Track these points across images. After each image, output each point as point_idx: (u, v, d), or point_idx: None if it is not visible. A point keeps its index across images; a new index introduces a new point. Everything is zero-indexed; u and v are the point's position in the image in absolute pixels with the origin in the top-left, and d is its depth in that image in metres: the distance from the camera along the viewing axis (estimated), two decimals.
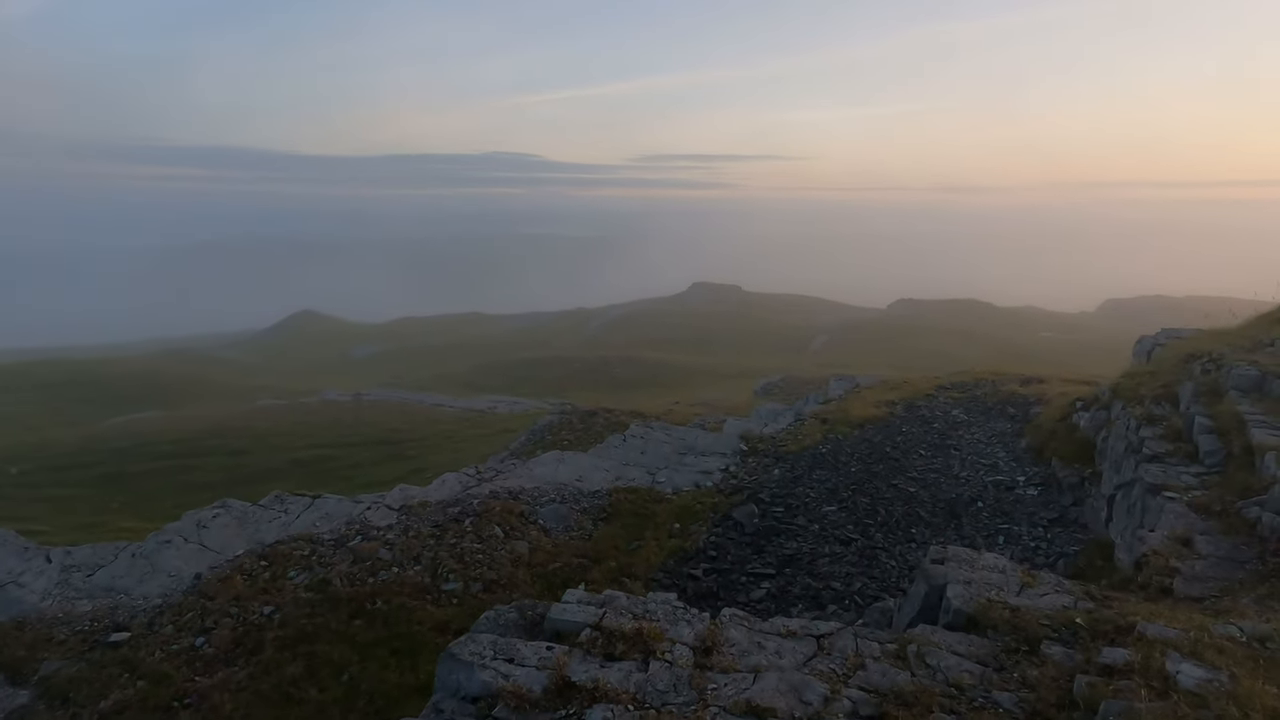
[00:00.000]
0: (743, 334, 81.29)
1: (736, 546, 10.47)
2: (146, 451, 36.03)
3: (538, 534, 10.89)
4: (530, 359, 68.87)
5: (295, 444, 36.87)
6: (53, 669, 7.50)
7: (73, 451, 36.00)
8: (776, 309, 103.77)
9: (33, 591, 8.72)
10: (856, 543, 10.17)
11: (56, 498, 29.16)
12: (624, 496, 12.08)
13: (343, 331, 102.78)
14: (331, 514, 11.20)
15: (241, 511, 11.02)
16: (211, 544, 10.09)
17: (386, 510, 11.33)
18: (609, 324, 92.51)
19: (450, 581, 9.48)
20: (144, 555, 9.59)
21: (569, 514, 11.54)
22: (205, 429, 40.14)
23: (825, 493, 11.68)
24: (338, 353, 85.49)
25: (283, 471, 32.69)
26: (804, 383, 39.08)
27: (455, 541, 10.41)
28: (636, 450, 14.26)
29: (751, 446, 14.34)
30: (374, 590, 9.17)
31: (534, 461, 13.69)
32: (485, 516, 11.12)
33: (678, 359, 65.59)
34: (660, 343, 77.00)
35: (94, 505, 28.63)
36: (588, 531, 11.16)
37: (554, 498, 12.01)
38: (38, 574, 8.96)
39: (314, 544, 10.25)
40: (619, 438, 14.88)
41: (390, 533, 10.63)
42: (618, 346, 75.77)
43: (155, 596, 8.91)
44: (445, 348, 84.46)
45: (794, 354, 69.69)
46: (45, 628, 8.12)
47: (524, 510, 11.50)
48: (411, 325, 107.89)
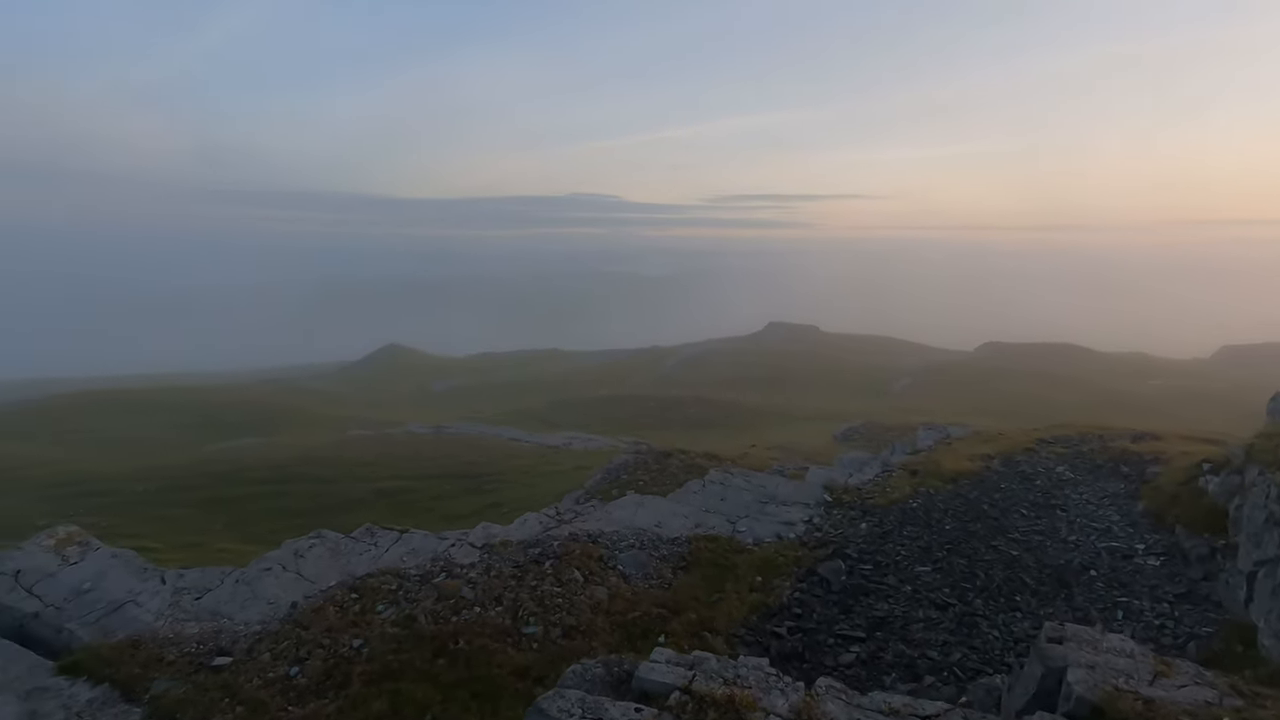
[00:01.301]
0: (820, 375, 79.52)
1: (823, 605, 10.02)
2: (244, 477, 38.23)
3: (617, 580, 10.77)
4: (605, 396, 69.54)
5: (379, 474, 38.29)
6: (162, 689, 7.90)
7: (183, 475, 38.60)
8: (855, 350, 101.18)
9: (148, 611, 9.27)
10: (954, 608, 9.53)
11: (167, 517, 31.25)
12: (704, 545, 11.83)
13: (426, 365, 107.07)
14: (418, 549, 11.46)
15: (335, 542, 11.44)
16: (307, 573, 10.50)
17: (470, 548, 11.50)
18: (683, 363, 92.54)
19: (530, 625, 9.47)
20: (246, 581, 10.06)
21: (648, 561, 11.38)
22: (297, 457, 42.31)
23: (917, 551, 11.07)
24: (421, 386, 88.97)
25: (367, 501, 33.98)
26: (886, 429, 37.66)
27: (536, 584, 10.42)
28: (716, 497, 14.00)
29: (836, 498, 13.82)
30: (456, 629, 9.25)
31: (613, 505, 13.64)
32: (565, 559, 11.12)
33: (752, 400, 64.70)
34: (735, 382, 76.27)
35: (197, 526, 30.52)
36: (667, 580, 10.96)
37: (633, 543, 11.89)
38: (153, 594, 9.53)
39: (401, 579, 10.49)
40: (698, 483, 14.66)
41: (473, 571, 10.76)
42: (692, 386, 75.56)
43: (255, 623, 9.30)
44: (523, 383, 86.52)
45: (874, 397, 67.46)
46: (157, 647, 8.59)
47: (603, 555, 11.43)
48: (491, 361, 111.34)
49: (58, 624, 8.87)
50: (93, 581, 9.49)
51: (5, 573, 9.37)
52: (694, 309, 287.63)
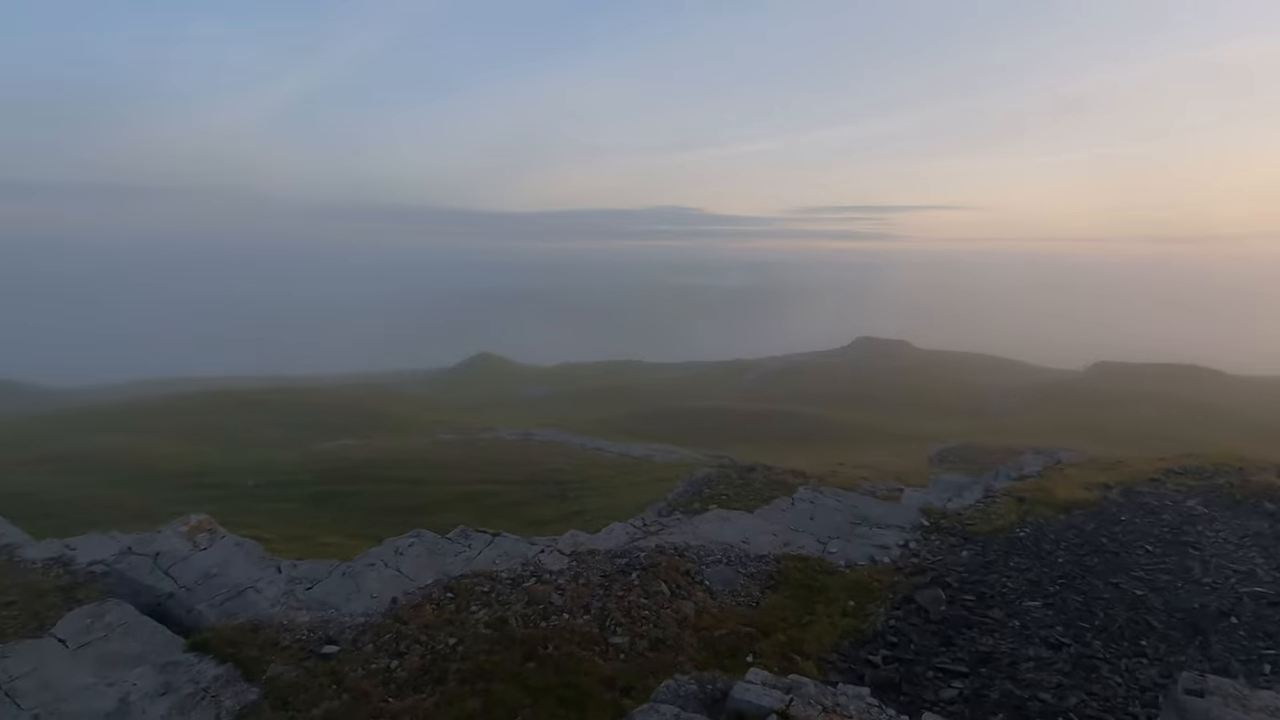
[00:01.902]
0: (912, 393, 76.33)
1: (920, 635, 9.54)
2: (345, 475, 40.44)
3: (703, 595, 10.66)
4: (686, 408, 69.32)
5: (467, 477, 39.62)
6: (277, 672, 8.43)
7: (292, 471, 41.26)
8: (950, 367, 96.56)
9: (265, 598, 9.93)
10: (1068, 649, 8.85)
11: (278, 511, 33.46)
12: (793, 565, 11.54)
13: (514, 373, 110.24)
14: (509, 553, 11.75)
15: (432, 542, 11.89)
16: (406, 570, 10.96)
17: (559, 555, 11.69)
18: (766, 376, 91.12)
19: (617, 635, 9.51)
20: (351, 575, 10.61)
21: (735, 578, 11.21)
22: (392, 458, 44.40)
23: (1026, 584, 10.36)
24: (509, 393, 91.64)
25: (454, 503, 35.19)
26: (987, 452, 35.65)
27: (623, 594, 10.47)
28: (805, 515, 13.64)
29: (934, 522, 13.17)
30: (546, 634, 9.41)
31: (699, 518, 13.53)
32: (652, 571, 11.11)
33: (839, 416, 62.82)
34: (820, 398, 74.36)
35: (305, 520, 32.48)
36: (754, 599, 10.75)
37: (720, 559, 11.75)
38: (270, 582, 10.21)
39: (493, 581, 10.78)
40: (786, 500, 14.33)
41: (561, 578, 10.93)
42: (775, 400, 74.24)
43: (359, 615, 9.78)
44: (605, 393, 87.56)
45: (971, 418, 64.07)
46: (273, 632, 9.19)
47: (689, 569, 11.35)
48: (575, 370, 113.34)
49: (189, 604, 9.65)
50: (219, 567, 10.27)
51: (146, 555, 10.29)
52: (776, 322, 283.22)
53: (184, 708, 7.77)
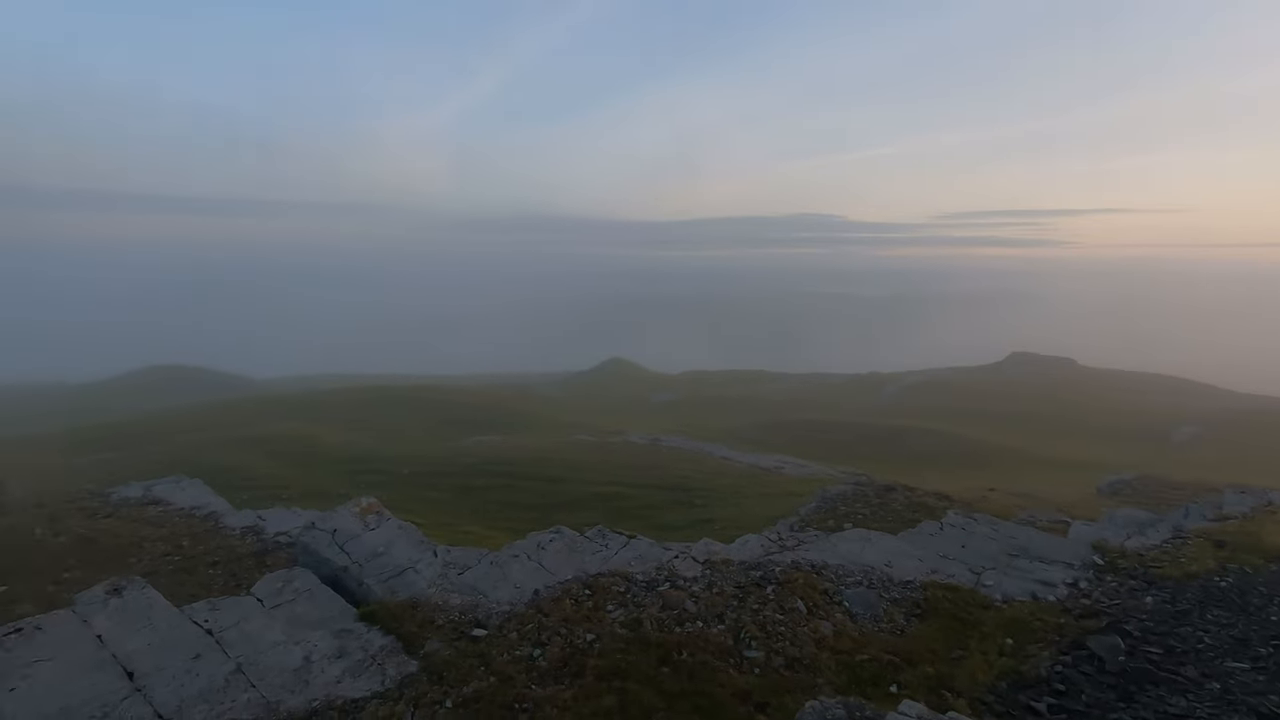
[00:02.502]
0: (1076, 416, 69.19)
1: (1093, 686, 8.58)
2: (487, 470, 42.91)
3: (842, 617, 10.24)
4: (818, 421, 67.17)
5: (599, 478, 40.71)
6: (434, 648, 9.08)
7: (440, 463, 44.41)
8: (1122, 389, 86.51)
9: (423, 578, 10.74)
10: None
11: (427, 498, 36.14)
12: (942, 594, 10.81)
13: (645, 379, 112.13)
14: (644, 556, 11.93)
15: (571, 539, 12.33)
16: (547, 564, 11.43)
17: (692, 562, 11.71)
18: (906, 391, 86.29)
19: (752, 649, 9.35)
20: (498, 564, 11.22)
21: (877, 602, 10.68)
22: (529, 456, 46.54)
23: (1230, 642, 9.02)
24: (640, 398, 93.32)
25: (587, 502, 36.26)
26: (1170, 487, 31.53)
27: (758, 607, 10.29)
28: (955, 542, 12.73)
29: (1110, 561, 11.82)
30: (680, 641, 9.44)
31: (837, 536, 13.03)
32: (787, 587, 10.84)
33: (989, 437, 58.17)
34: (967, 417, 69.29)
35: (451, 509, 34.85)
36: (899, 626, 10.18)
37: (860, 580, 11.24)
38: (428, 565, 11.03)
39: (629, 582, 10.99)
40: (933, 525, 13.46)
41: (695, 585, 10.93)
42: (915, 416, 70.07)
43: (504, 603, 10.33)
44: (735, 401, 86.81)
45: (1149, 447, 56.98)
46: (430, 612, 9.92)
47: (828, 588, 10.96)
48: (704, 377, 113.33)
49: (359, 578, 10.64)
50: (385, 546, 11.25)
51: (325, 530, 11.47)
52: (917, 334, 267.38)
53: (355, 671, 8.57)
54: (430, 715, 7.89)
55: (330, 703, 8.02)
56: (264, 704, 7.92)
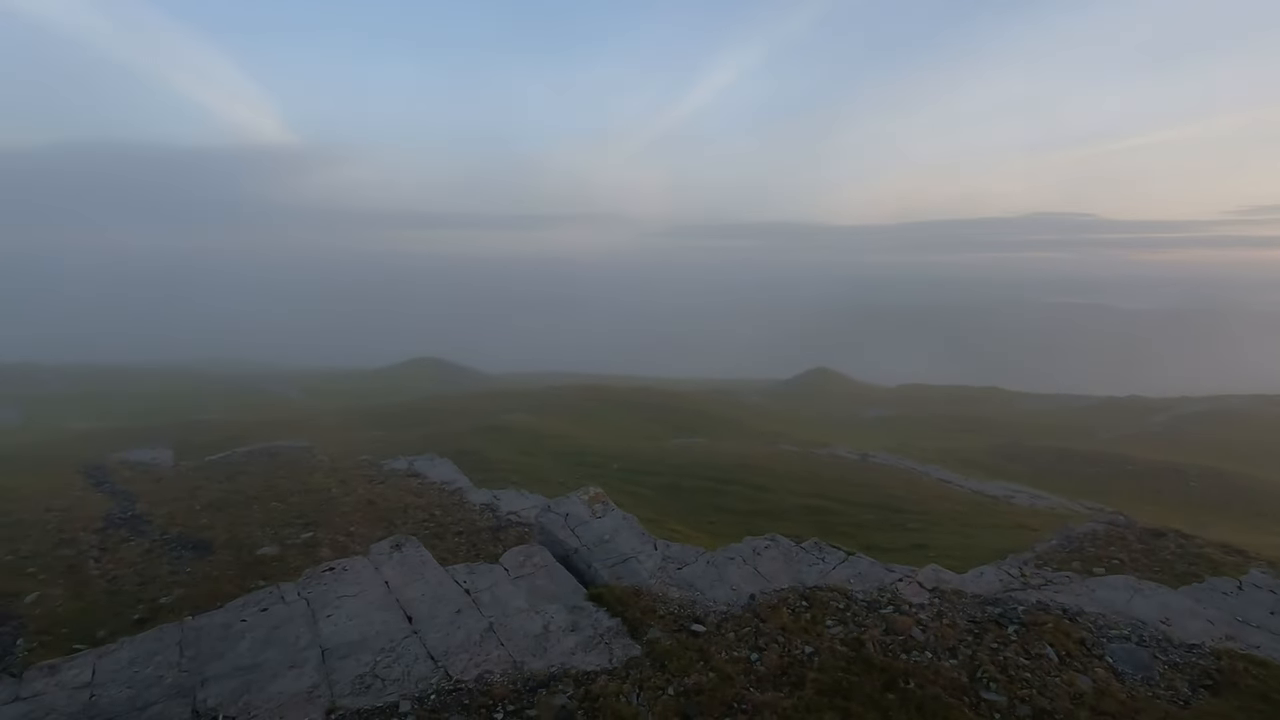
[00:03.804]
0: None
1: None
2: (693, 472, 43.83)
3: (1105, 674, 8.93)
4: (1061, 449, 59.04)
5: (804, 490, 39.64)
6: (655, 636, 9.54)
7: (648, 461, 46.31)
8: None
9: (644, 569, 11.31)
10: None
11: (636, 494, 37.88)
12: (1245, 667, 8.95)
13: (854, 391, 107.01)
14: (864, 575, 11.43)
15: (787, 549, 12.20)
16: (763, 570, 11.43)
17: (918, 587, 10.97)
18: (1179, 420, 72.55)
19: (991, 691, 8.52)
20: (715, 565, 11.45)
21: (1151, 663, 9.15)
22: (735, 462, 46.68)
23: None
24: (849, 411, 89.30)
25: (791, 513, 35.47)
26: None
27: (997, 647, 9.36)
28: (1262, 607, 10.47)
29: None
30: (907, 669, 8.90)
31: (1095, 581, 11.38)
32: (1033, 630, 9.71)
33: None
34: (1266, 455, 56.52)
35: (657, 507, 36.19)
36: (1181, 695, 8.62)
37: (1127, 635, 9.71)
38: (648, 557, 11.60)
39: (848, 599, 10.60)
40: (1230, 582, 11.19)
41: (923, 613, 10.23)
42: (1192, 452, 58.64)
43: (721, 603, 10.52)
44: (958, 420, 79.53)
45: None
46: (651, 601, 10.43)
47: (1084, 638, 9.62)
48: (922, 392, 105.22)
49: (588, 561, 11.50)
50: (610, 534, 12.04)
51: (559, 514, 12.57)
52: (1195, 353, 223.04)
53: (587, 646, 9.28)
54: (653, 699, 8.29)
55: (566, 671, 8.78)
56: (512, 662, 8.90)
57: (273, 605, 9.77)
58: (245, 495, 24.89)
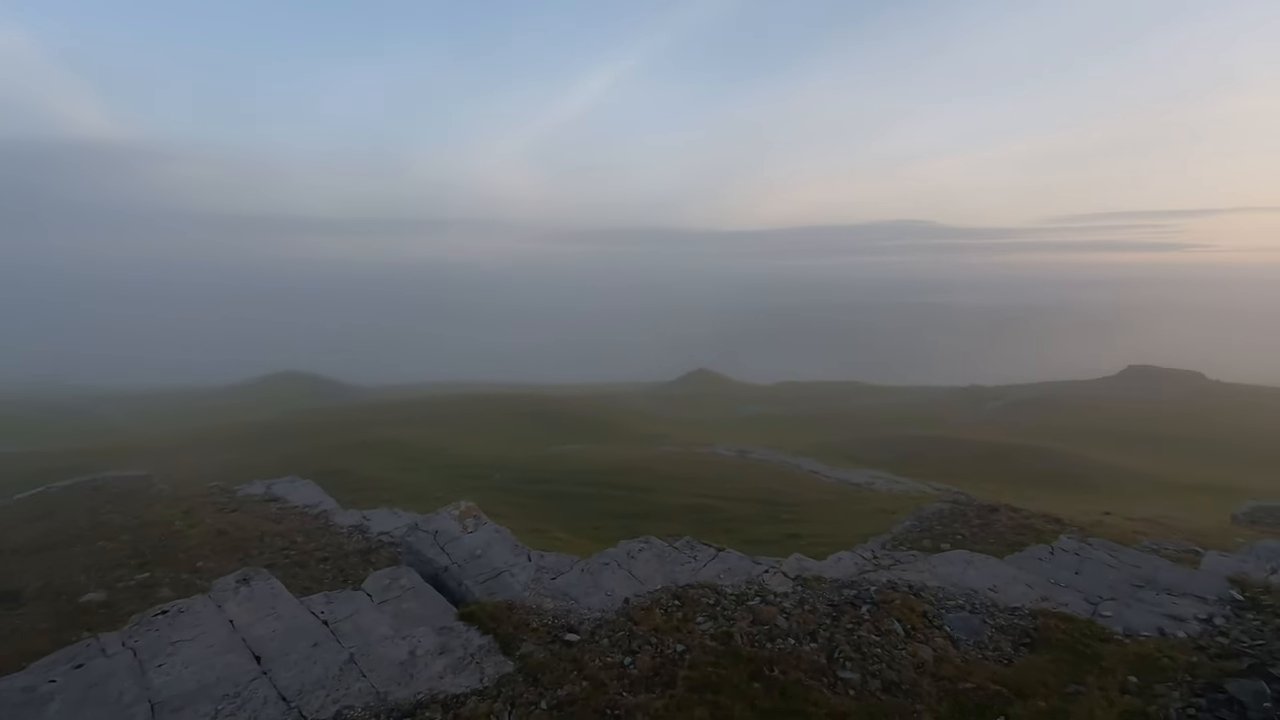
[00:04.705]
0: (1206, 435, 63.12)
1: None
2: (578, 478, 43.73)
3: (943, 642, 9.79)
4: (914, 436, 64.43)
5: (687, 489, 40.67)
6: (529, 650, 9.38)
7: (529, 469, 45.65)
8: (1262, 407, 78.11)
9: (518, 582, 11.10)
10: None
11: (517, 503, 37.23)
12: (1055, 624, 10.13)
13: (733, 391, 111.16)
14: (733, 569, 11.85)
15: (661, 549, 12.41)
16: (637, 573, 11.56)
17: (783, 577, 11.53)
18: (1010, 406, 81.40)
19: (847, 670, 9.10)
20: (590, 571, 11.45)
21: (981, 628, 10.14)
22: (618, 466, 47.04)
23: None
24: (727, 410, 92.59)
25: (674, 514, 36.25)
26: None
27: (852, 627, 10.01)
28: (1068, 569, 11.91)
29: (1250, 597, 10.73)
30: (772, 657, 9.31)
31: (937, 558, 12.48)
32: (884, 607, 10.49)
33: (1104, 458, 53.97)
34: (1080, 434, 64.63)
35: (540, 515, 35.76)
36: (1005, 654, 9.62)
37: (962, 604, 10.72)
38: (521, 569, 11.40)
39: (718, 594, 10.95)
40: (1044, 549, 12.64)
41: (787, 601, 10.76)
42: (1020, 433, 65.99)
43: (596, 610, 10.52)
44: (824, 415, 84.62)
45: None
46: (525, 615, 10.25)
47: (927, 611, 10.51)
48: (794, 390, 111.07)
49: (459, 578, 11.13)
50: (483, 549, 11.72)
51: (428, 532, 12.08)
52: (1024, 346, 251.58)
53: (456, 668, 8.96)
54: (526, 715, 8.14)
55: (434, 696, 8.43)
56: (374, 694, 8.42)
57: (90, 660, 8.66)
58: (66, 535, 21.98)
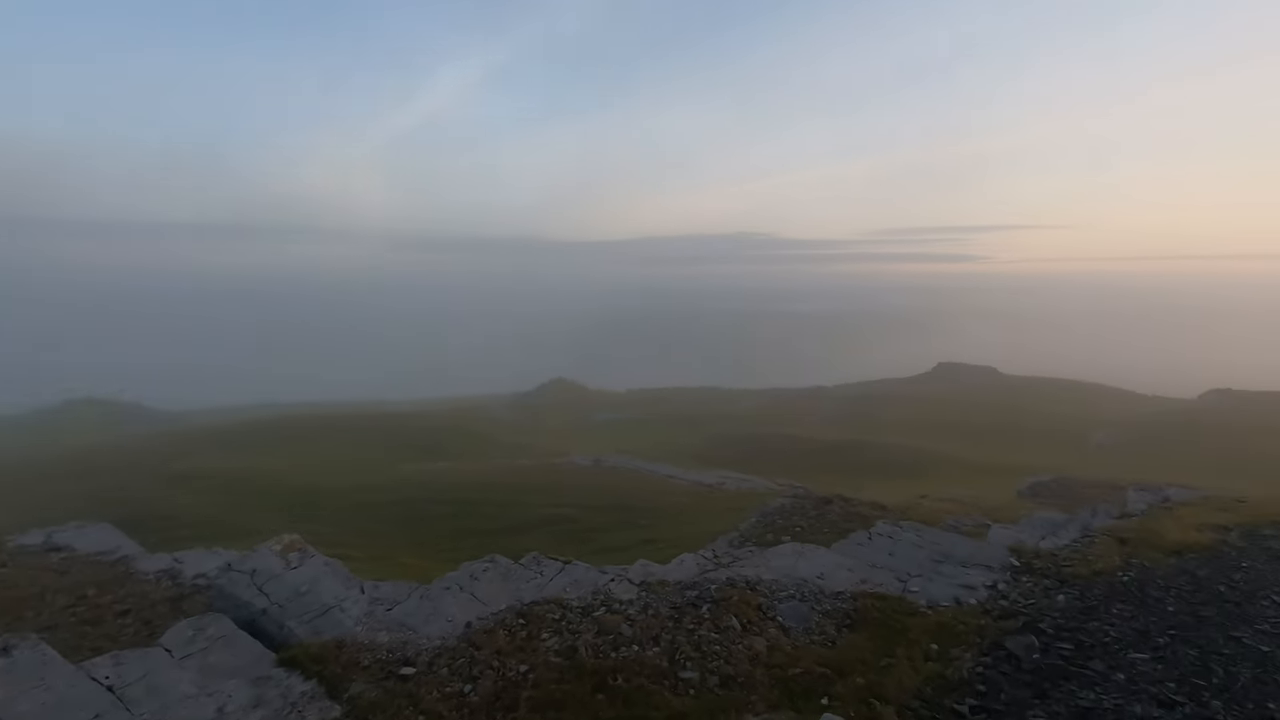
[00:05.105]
0: (999, 422, 72.46)
1: (1011, 684, 8.93)
2: (433, 496, 41.85)
3: (776, 632, 10.38)
4: (761, 435, 68.28)
5: (545, 502, 40.25)
6: (359, 690, 8.75)
7: (380, 492, 43.06)
8: (1042, 396, 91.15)
9: (349, 617, 10.35)
10: (1183, 708, 8.07)
11: (367, 530, 34.96)
12: (871, 603, 11.09)
13: (589, 399, 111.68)
14: (580, 581, 11.83)
15: (506, 568, 12.12)
16: (480, 595, 11.20)
17: (628, 584, 11.68)
18: (844, 404, 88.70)
19: (687, 669, 9.36)
20: (429, 598, 10.93)
21: (810, 614, 10.87)
22: (473, 481, 45.64)
23: (1132, 634, 9.56)
24: (584, 418, 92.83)
25: (534, 527, 35.76)
26: (1082, 486, 33.34)
27: (693, 628, 10.33)
28: (884, 551, 13.12)
29: (1025, 562, 12.39)
30: (615, 665, 9.38)
31: (771, 551, 13.23)
32: (723, 605, 10.93)
33: (921, 446, 60.30)
34: (900, 427, 71.69)
35: (389, 540, 33.78)
36: (830, 637, 10.37)
37: (793, 594, 11.43)
38: (354, 602, 10.65)
39: (564, 609, 10.87)
40: (863, 534, 13.83)
41: (631, 608, 10.90)
42: (854, 429, 72.12)
43: (436, 638, 10.05)
44: (679, 419, 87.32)
45: (1067, 449, 60.13)
46: (356, 651, 9.56)
47: (762, 604, 11.09)
48: (649, 396, 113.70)
49: (280, 620, 10.17)
50: (309, 585, 10.80)
51: (244, 571, 10.95)
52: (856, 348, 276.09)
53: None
54: None
55: None
56: None
57: None
58: None
